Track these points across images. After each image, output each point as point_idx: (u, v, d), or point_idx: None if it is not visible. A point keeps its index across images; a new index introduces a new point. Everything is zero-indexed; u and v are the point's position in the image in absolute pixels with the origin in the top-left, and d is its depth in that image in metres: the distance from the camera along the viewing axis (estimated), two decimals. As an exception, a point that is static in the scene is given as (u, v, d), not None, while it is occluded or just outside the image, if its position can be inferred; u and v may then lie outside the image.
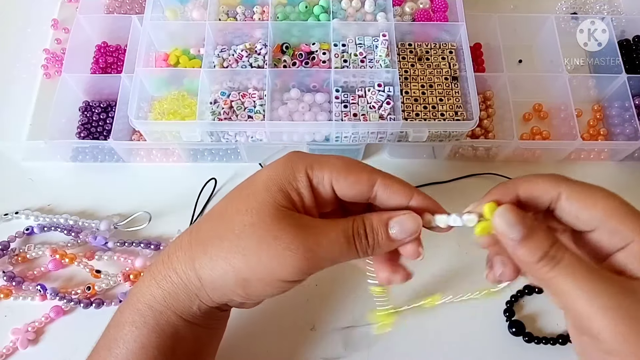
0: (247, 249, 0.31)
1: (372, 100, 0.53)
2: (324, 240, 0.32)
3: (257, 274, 0.32)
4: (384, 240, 0.33)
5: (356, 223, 0.33)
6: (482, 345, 0.48)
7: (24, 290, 0.50)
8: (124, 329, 0.35)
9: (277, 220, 0.31)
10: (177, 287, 0.34)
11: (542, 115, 0.61)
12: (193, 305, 0.34)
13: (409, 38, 0.58)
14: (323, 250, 0.32)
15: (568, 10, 0.66)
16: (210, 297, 0.34)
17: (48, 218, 0.53)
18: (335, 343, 0.48)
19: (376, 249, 0.33)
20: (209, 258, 0.33)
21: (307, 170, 0.33)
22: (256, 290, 0.33)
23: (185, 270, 0.34)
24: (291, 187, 0.33)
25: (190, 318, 0.35)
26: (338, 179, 0.33)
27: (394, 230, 0.33)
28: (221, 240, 0.32)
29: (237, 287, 0.32)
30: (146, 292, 0.35)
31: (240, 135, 0.53)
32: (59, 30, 0.66)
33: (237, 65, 0.55)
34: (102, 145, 0.55)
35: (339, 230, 0.32)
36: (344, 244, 0.32)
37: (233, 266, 0.32)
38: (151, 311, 0.34)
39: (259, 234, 0.31)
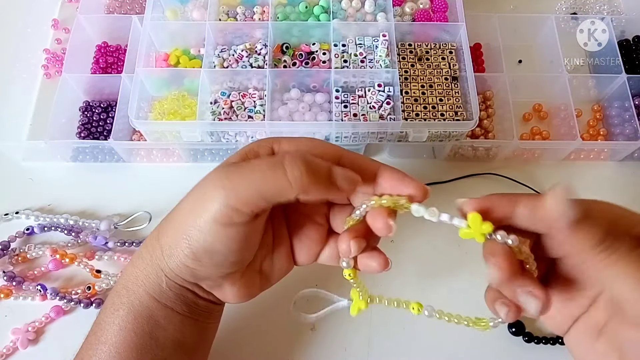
0: (187, 200, 0.32)
1: (372, 101, 0.53)
2: (246, 167, 0.30)
3: (193, 220, 0.31)
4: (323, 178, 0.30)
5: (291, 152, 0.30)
6: (482, 345, 0.48)
7: (24, 290, 0.50)
8: (105, 311, 0.35)
9: (220, 170, 0.31)
10: (146, 263, 0.34)
11: (542, 116, 0.61)
12: (162, 283, 0.33)
13: (409, 38, 0.58)
14: (242, 175, 0.30)
15: (568, 10, 0.66)
16: (170, 267, 0.33)
17: (48, 218, 0.53)
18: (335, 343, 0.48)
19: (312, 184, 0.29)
20: (166, 222, 0.34)
21: (272, 142, 0.34)
22: (198, 244, 0.31)
23: (152, 243, 0.34)
24: (252, 152, 0.33)
25: (165, 300, 0.34)
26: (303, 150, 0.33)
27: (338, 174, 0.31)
28: (180, 204, 0.33)
29: (185, 246, 0.31)
30: (124, 273, 0.35)
31: (241, 135, 0.53)
32: (59, 30, 0.66)
33: (237, 66, 0.55)
34: (103, 145, 0.55)
35: (266, 158, 0.31)
36: (267, 168, 0.29)
37: (179, 222, 0.32)
38: (126, 291, 0.34)
39: (199, 185, 0.32)
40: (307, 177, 0.29)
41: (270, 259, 0.37)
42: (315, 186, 0.30)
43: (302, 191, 0.30)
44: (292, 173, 0.29)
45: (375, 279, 0.49)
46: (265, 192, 0.29)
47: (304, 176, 0.29)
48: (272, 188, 0.29)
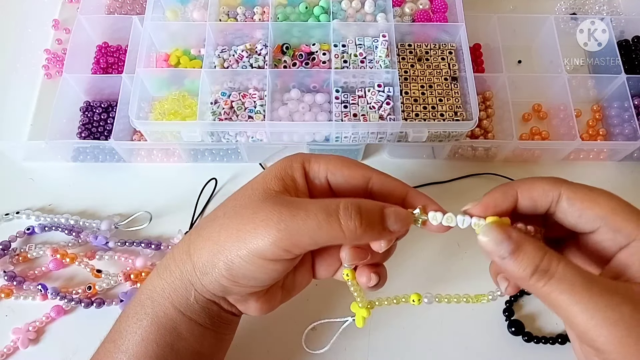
0: (230, 226, 0.32)
1: (372, 101, 0.53)
2: (301, 212, 0.30)
3: (236, 249, 0.31)
4: (377, 226, 0.31)
5: (345, 202, 0.31)
6: (482, 345, 0.48)
7: (24, 290, 0.50)
8: (127, 320, 0.35)
9: (263, 200, 0.32)
10: (175, 276, 0.34)
11: (542, 116, 0.61)
12: (190, 296, 0.34)
13: (409, 39, 0.58)
14: (298, 222, 0.30)
15: (567, 10, 0.66)
16: (203, 283, 0.33)
17: (49, 218, 0.53)
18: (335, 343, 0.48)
19: (366, 232, 0.30)
20: (201, 240, 0.33)
21: (304, 161, 0.34)
22: (239, 270, 0.32)
23: (182, 257, 0.34)
24: (286, 174, 0.33)
25: (190, 313, 0.34)
26: (334, 172, 0.34)
27: (390, 218, 0.31)
28: (213, 221, 0.34)
29: (222, 267, 0.32)
30: (149, 283, 0.36)
31: (241, 135, 0.53)
32: (60, 30, 0.66)
33: (237, 66, 0.55)
34: (103, 145, 0.55)
35: (320, 205, 0.31)
36: (322, 219, 0.30)
37: (218, 244, 0.32)
38: (150, 302, 0.35)
39: (243, 212, 0.32)
40: (361, 229, 0.30)
41: (292, 275, 0.38)
42: (370, 237, 0.31)
43: (356, 241, 0.32)
44: (346, 225, 0.30)
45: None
46: (319, 240, 0.31)
47: (358, 229, 0.30)
48: (326, 237, 0.30)
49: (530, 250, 0.28)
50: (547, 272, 0.28)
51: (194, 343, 0.35)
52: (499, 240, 0.29)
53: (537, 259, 0.28)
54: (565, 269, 0.28)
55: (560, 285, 0.27)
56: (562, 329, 0.49)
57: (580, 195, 0.30)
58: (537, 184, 0.31)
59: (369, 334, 0.48)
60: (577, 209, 0.30)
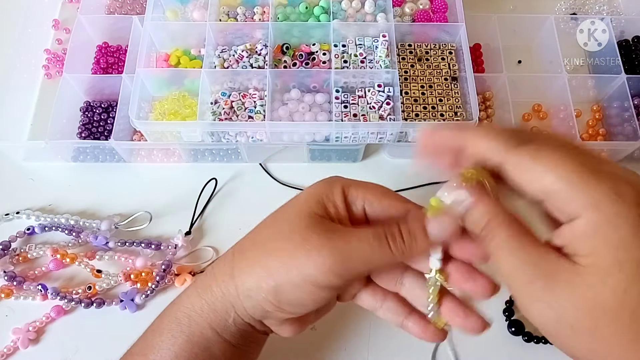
0: (279, 251, 0.32)
1: (372, 101, 0.53)
2: (353, 239, 0.31)
3: (287, 275, 0.31)
4: (421, 237, 0.31)
5: (389, 226, 0.32)
6: (482, 345, 0.48)
7: (24, 290, 0.50)
8: (161, 335, 0.35)
9: (311, 225, 0.32)
10: (216, 297, 0.34)
11: (542, 116, 0.61)
12: (229, 318, 0.34)
13: (409, 39, 0.58)
14: (351, 248, 0.31)
15: (567, 10, 0.66)
16: (245, 307, 0.33)
17: (49, 218, 0.53)
18: (335, 343, 0.48)
19: (413, 247, 0.31)
20: (246, 263, 0.33)
21: (343, 187, 0.34)
22: (287, 296, 0.32)
23: (224, 279, 0.34)
24: (328, 199, 0.34)
25: (226, 334, 0.34)
26: (372, 201, 0.34)
27: (433, 227, 0.31)
28: (258, 246, 0.34)
29: (269, 292, 0.32)
30: (187, 301, 0.35)
31: (241, 135, 0.53)
32: (60, 30, 0.66)
33: (237, 66, 0.55)
34: (103, 145, 0.55)
35: (369, 232, 0.32)
36: (374, 243, 0.31)
37: (266, 268, 0.32)
38: (188, 320, 0.35)
39: (292, 238, 0.32)
40: (409, 250, 0.31)
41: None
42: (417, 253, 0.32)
43: (405, 260, 0.32)
44: (395, 247, 0.31)
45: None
46: (371, 264, 0.32)
47: (406, 249, 0.31)
48: (378, 261, 0.31)
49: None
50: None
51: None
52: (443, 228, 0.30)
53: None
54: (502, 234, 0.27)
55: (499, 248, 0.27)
56: (562, 329, 0.49)
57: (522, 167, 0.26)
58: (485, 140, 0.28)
59: (369, 333, 0.48)
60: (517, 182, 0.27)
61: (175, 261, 0.52)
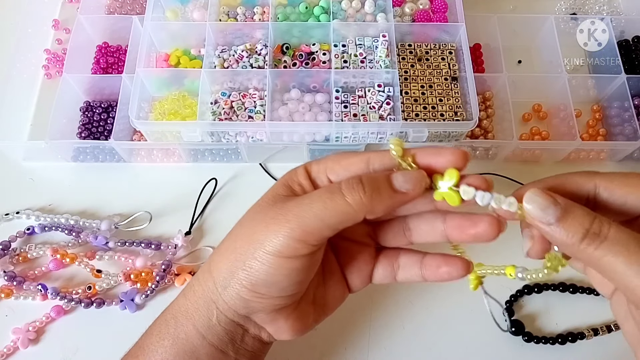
0: (244, 234, 0.32)
1: (372, 101, 0.53)
2: (306, 200, 0.30)
3: (253, 253, 0.31)
4: (385, 190, 0.30)
5: (348, 177, 0.31)
6: (482, 345, 0.48)
7: (24, 290, 0.50)
8: (150, 337, 0.35)
9: (273, 203, 0.32)
10: (197, 295, 0.34)
11: (542, 116, 0.61)
12: (212, 316, 0.33)
13: (409, 39, 0.58)
14: (305, 209, 0.30)
15: (567, 10, 0.66)
16: (225, 300, 0.33)
17: (49, 218, 0.53)
18: (335, 343, 0.48)
19: (375, 200, 0.30)
20: (219, 254, 0.34)
21: (305, 166, 0.34)
22: (259, 275, 0.31)
23: (203, 276, 0.34)
24: (292, 180, 0.34)
25: (210, 336, 0.33)
26: (332, 167, 0.33)
27: (398, 179, 0.30)
28: (230, 236, 0.34)
29: (243, 276, 0.31)
30: (175, 302, 0.35)
31: (241, 135, 0.53)
32: (60, 30, 0.66)
33: (237, 66, 0.55)
34: (103, 145, 0.55)
35: (324, 188, 0.31)
36: (326, 198, 0.30)
37: (235, 253, 0.32)
38: (174, 321, 0.34)
39: (256, 218, 0.33)
40: (368, 197, 0.29)
41: (322, 288, 0.36)
42: (380, 202, 0.30)
43: (368, 211, 0.30)
44: (352, 197, 0.29)
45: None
46: (330, 221, 0.30)
47: (364, 197, 0.29)
48: (336, 216, 0.30)
49: (579, 214, 0.27)
50: (599, 235, 0.26)
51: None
52: (544, 205, 0.27)
53: (587, 223, 0.26)
54: (617, 231, 0.26)
55: (613, 248, 0.26)
56: (562, 329, 0.49)
57: (617, 183, 0.29)
58: (570, 178, 0.29)
59: (369, 333, 0.48)
60: (618, 196, 0.28)
61: (175, 261, 0.52)
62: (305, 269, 0.31)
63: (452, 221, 0.33)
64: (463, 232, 0.32)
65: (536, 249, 0.30)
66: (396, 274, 0.36)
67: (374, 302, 0.50)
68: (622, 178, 0.29)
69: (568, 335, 0.48)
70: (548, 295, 0.50)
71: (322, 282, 0.36)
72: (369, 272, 0.37)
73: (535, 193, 0.27)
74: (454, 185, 0.30)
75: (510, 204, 0.28)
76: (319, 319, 0.36)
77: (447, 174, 0.30)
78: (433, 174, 0.31)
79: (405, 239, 0.35)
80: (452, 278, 0.34)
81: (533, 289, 0.50)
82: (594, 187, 0.29)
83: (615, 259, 0.25)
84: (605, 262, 0.26)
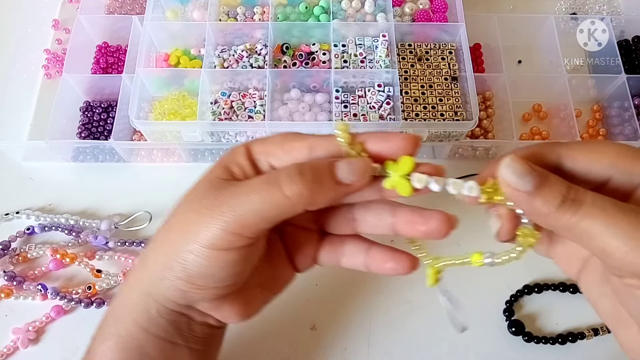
0: (178, 223, 0.30)
1: (372, 101, 0.53)
2: (241, 190, 0.28)
3: (187, 246, 0.29)
4: (326, 181, 0.28)
5: (287, 166, 0.29)
6: (482, 345, 0.48)
7: (24, 290, 0.50)
8: (94, 341, 0.33)
9: (209, 189, 0.30)
10: (133, 289, 0.32)
11: (542, 116, 0.61)
12: (150, 309, 0.31)
13: (409, 38, 0.58)
14: (241, 201, 0.28)
15: (567, 10, 0.66)
16: (161, 292, 0.30)
17: (49, 218, 0.53)
18: (335, 343, 0.48)
19: (316, 193, 0.28)
20: (153, 245, 0.32)
21: (247, 145, 0.32)
22: (194, 268, 0.29)
23: (138, 269, 0.32)
24: (231, 161, 0.31)
25: (153, 329, 0.31)
26: (274, 150, 0.31)
27: (342, 169, 0.28)
28: (164, 226, 0.32)
29: (178, 268, 0.29)
30: (114, 301, 0.33)
31: (241, 135, 0.53)
32: (60, 30, 0.66)
33: (237, 66, 0.55)
34: (103, 145, 0.55)
35: (262, 177, 0.29)
36: (264, 189, 0.28)
37: (169, 244, 0.30)
38: (113, 320, 0.32)
39: (190, 207, 0.30)
40: (308, 190, 0.27)
41: (269, 271, 0.35)
42: (321, 195, 0.28)
43: (308, 204, 0.28)
44: (290, 189, 0.27)
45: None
46: (266, 214, 0.28)
47: (304, 189, 0.27)
48: (273, 209, 0.28)
49: (556, 181, 0.26)
50: (576, 201, 0.25)
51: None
52: (522, 173, 0.26)
53: (564, 189, 0.26)
54: (594, 196, 0.26)
55: (591, 211, 0.25)
56: (563, 329, 0.49)
57: (579, 151, 0.28)
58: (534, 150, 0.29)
59: (369, 334, 0.48)
60: (582, 165, 0.28)
61: (175, 261, 0.52)
62: (243, 260, 0.30)
63: (402, 216, 0.31)
64: (413, 228, 0.31)
65: (507, 228, 0.29)
66: (340, 260, 0.35)
67: (374, 302, 0.50)
68: (584, 146, 0.28)
69: (568, 335, 0.48)
70: (548, 295, 0.50)
71: (269, 265, 0.34)
72: (314, 255, 0.35)
73: (513, 160, 0.26)
74: (407, 173, 0.28)
75: (471, 188, 0.27)
76: (267, 300, 0.35)
77: (401, 161, 0.28)
78: (384, 161, 0.29)
79: (349, 229, 0.34)
80: (397, 274, 0.33)
81: (533, 289, 0.50)
82: (558, 158, 0.28)
83: (593, 223, 0.25)
84: (583, 227, 0.25)
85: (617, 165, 0.27)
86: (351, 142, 0.29)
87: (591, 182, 0.28)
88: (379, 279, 0.50)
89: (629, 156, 0.27)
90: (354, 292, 0.50)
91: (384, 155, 0.29)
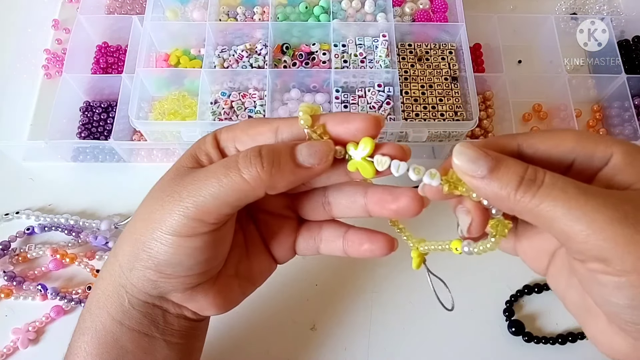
0: (144, 212, 0.30)
1: (372, 101, 0.53)
2: (201, 175, 0.28)
3: (151, 234, 0.29)
4: (287, 164, 0.28)
5: (246, 149, 0.28)
6: (482, 345, 0.48)
7: (24, 290, 0.50)
8: (73, 336, 0.33)
9: (174, 177, 0.30)
10: (106, 282, 0.31)
11: (542, 116, 0.61)
12: (123, 302, 0.31)
13: (409, 38, 0.58)
14: (200, 187, 0.28)
15: (567, 10, 0.66)
16: (132, 283, 0.30)
17: (49, 218, 0.53)
18: (335, 343, 0.48)
19: (275, 176, 0.27)
20: (123, 237, 0.31)
21: (215, 133, 0.31)
22: (160, 256, 0.29)
23: (110, 261, 0.32)
24: (199, 149, 0.31)
25: (128, 321, 0.31)
26: (240, 136, 0.30)
27: (302, 153, 0.28)
28: (133, 216, 0.31)
29: (145, 257, 0.29)
30: (89, 297, 0.33)
31: (241, 135, 0.53)
32: (60, 30, 0.66)
33: (237, 66, 0.55)
34: (103, 145, 0.55)
35: (221, 162, 0.28)
36: (222, 174, 0.27)
37: (135, 233, 0.30)
38: (89, 315, 0.32)
39: (155, 196, 0.30)
40: (267, 173, 0.27)
41: (246, 261, 0.34)
42: (281, 178, 0.28)
43: (268, 187, 0.28)
44: (248, 172, 0.27)
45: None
46: (226, 199, 0.28)
47: (262, 172, 0.27)
48: (232, 193, 0.27)
49: (512, 163, 0.25)
50: (535, 182, 0.24)
51: (143, 357, 0.32)
52: (474, 157, 0.25)
53: (521, 170, 0.25)
54: (553, 176, 0.25)
55: (551, 193, 0.24)
56: (563, 329, 0.49)
57: (538, 138, 0.27)
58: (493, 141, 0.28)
59: (369, 334, 0.48)
60: (542, 151, 0.27)
61: (175, 261, 0.52)
62: (210, 246, 0.29)
63: (373, 195, 0.31)
64: (384, 207, 0.30)
65: (476, 222, 0.28)
66: (319, 247, 0.34)
67: (374, 302, 0.50)
68: (544, 134, 0.28)
69: (568, 335, 0.48)
70: (548, 295, 0.50)
71: (245, 255, 0.34)
72: (292, 244, 0.35)
73: (464, 146, 0.25)
74: (368, 155, 0.28)
75: (432, 175, 0.26)
76: (246, 292, 0.35)
77: (362, 142, 0.28)
78: (347, 143, 0.29)
79: (325, 213, 0.33)
80: (375, 256, 0.33)
81: (533, 289, 0.50)
82: (517, 146, 0.27)
83: (553, 205, 0.24)
84: (543, 209, 0.24)
85: (577, 150, 0.27)
86: (313, 124, 0.29)
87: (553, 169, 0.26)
88: (379, 279, 0.50)
89: (590, 140, 0.26)
90: (354, 292, 0.50)
91: (345, 137, 0.29)
